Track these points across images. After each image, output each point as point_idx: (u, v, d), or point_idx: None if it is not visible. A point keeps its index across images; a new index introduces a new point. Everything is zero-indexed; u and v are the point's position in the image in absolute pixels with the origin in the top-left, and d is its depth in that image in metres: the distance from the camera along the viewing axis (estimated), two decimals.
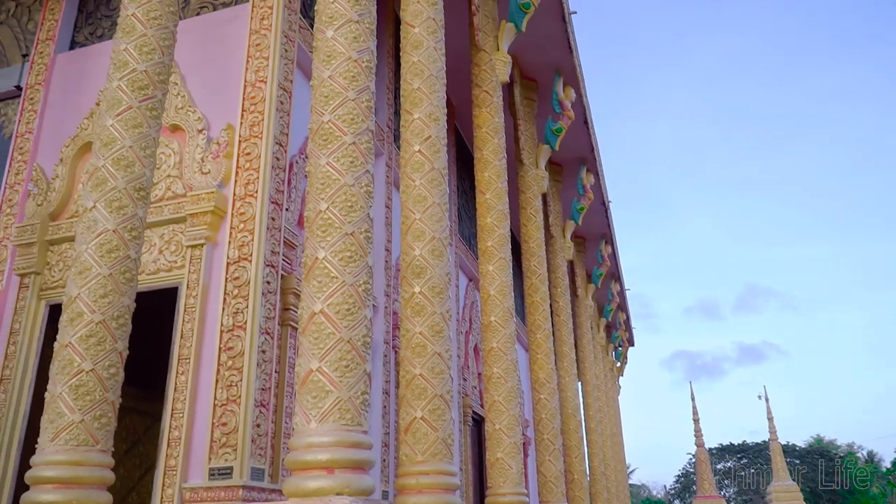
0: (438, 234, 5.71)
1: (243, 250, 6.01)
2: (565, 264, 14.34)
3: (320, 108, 4.47)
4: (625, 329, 27.84)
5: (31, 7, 8.15)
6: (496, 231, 8.48)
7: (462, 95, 11.57)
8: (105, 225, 4.41)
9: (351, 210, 4.18)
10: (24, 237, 6.77)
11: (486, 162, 8.74)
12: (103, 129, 4.70)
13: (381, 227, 8.82)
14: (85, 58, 7.48)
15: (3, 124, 7.68)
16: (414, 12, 6.37)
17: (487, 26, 9.19)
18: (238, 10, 6.96)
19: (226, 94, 6.64)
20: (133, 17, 4.95)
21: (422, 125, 6.00)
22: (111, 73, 4.89)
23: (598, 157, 15.25)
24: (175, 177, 6.57)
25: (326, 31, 4.66)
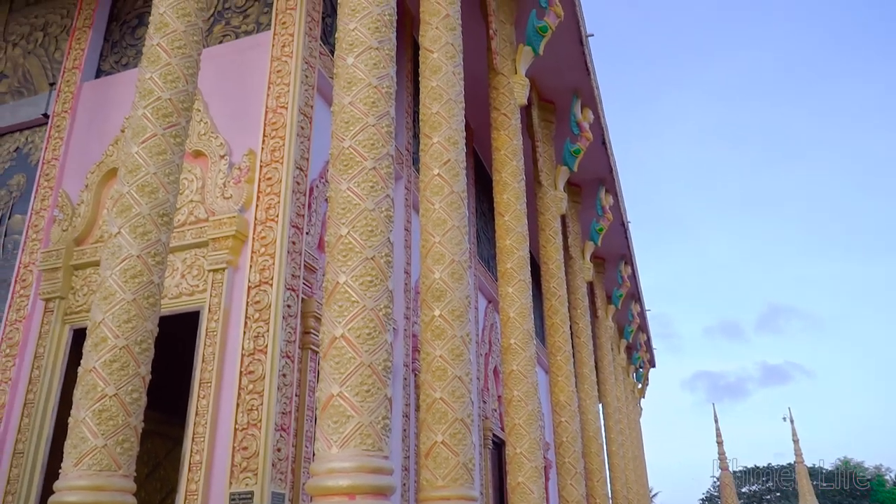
0: (458, 257, 5.72)
1: (264, 274, 6.05)
2: (585, 285, 14.27)
3: (341, 134, 4.51)
4: (645, 350, 27.57)
5: (58, 37, 8.35)
6: (515, 253, 8.46)
7: (480, 118, 11.63)
8: (129, 250, 4.47)
9: (371, 234, 4.20)
10: (50, 262, 6.87)
11: (505, 184, 8.76)
12: (128, 155, 4.78)
13: (401, 250, 8.85)
14: (110, 86, 7.63)
15: (30, 151, 7.84)
16: (432, 38, 6.44)
17: (505, 50, 9.25)
18: (259, 38, 7.08)
19: (247, 119, 6.73)
20: (158, 47, 5.05)
21: (441, 149, 6.03)
22: (136, 101, 4.98)
23: (617, 178, 15.22)
24: (197, 202, 6.65)
25: (347, 58, 4.72)
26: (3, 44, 8.66)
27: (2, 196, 7.74)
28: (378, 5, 4.88)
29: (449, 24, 6.50)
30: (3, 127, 7.99)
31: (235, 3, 7.50)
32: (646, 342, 26.73)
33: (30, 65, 8.33)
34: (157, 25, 5.17)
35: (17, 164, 7.85)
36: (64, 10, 8.47)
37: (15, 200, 7.63)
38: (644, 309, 24.15)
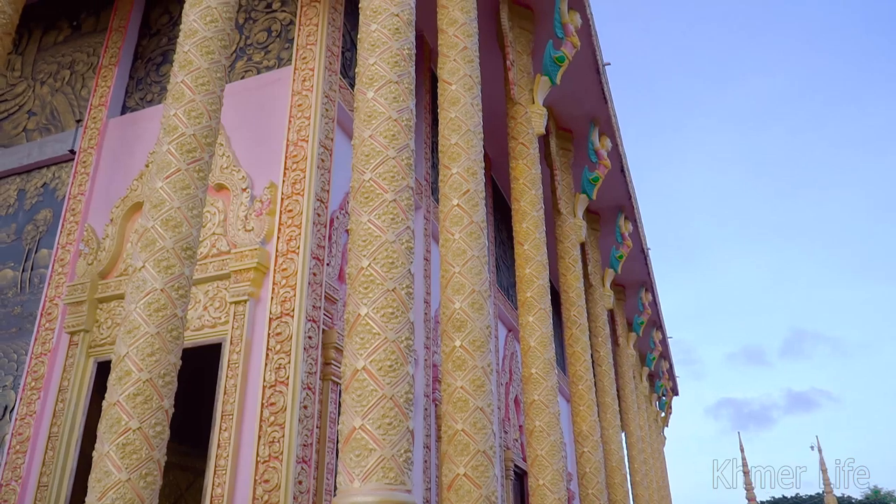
0: (478, 287, 5.72)
1: (285, 306, 6.08)
2: (605, 313, 14.17)
3: (361, 167, 4.56)
4: (668, 378, 27.20)
5: (84, 75, 8.55)
6: (535, 282, 8.44)
7: (498, 147, 11.71)
8: (153, 284, 4.51)
9: (392, 266, 4.22)
10: (75, 296, 6.96)
11: (524, 213, 8.77)
12: (153, 190, 4.86)
13: (420, 280, 8.86)
14: (135, 122, 7.79)
15: (57, 187, 8.00)
16: (451, 70, 6.52)
17: (522, 80, 9.33)
18: (280, 73, 7.20)
19: (269, 153, 6.83)
20: (182, 84, 5.16)
21: (460, 179, 6.07)
22: (161, 137, 5.08)
23: (636, 205, 15.18)
24: (220, 234, 6.72)
25: (367, 92, 4.79)
26: (32, 82, 8.89)
27: (29, 231, 7.88)
28: (397, 40, 4.96)
29: (467, 56, 6.58)
30: (31, 163, 8.17)
31: (257, 39, 7.66)
32: (668, 370, 26.39)
33: (57, 102, 8.53)
34: (181, 63, 5.29)
35: (44, 200, 8.01)
36: (90, 49, 8.69)
37: (42, 235, 7.77)
38: (666, 336, 23.88)
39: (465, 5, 6.79)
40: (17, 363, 7.14)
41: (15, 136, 8.55)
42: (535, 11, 9.67)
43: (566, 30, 9.42)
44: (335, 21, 7.39)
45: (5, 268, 7.79)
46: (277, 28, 7.60)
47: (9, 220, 8.08)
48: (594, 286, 13.99)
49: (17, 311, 7.45)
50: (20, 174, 8.30)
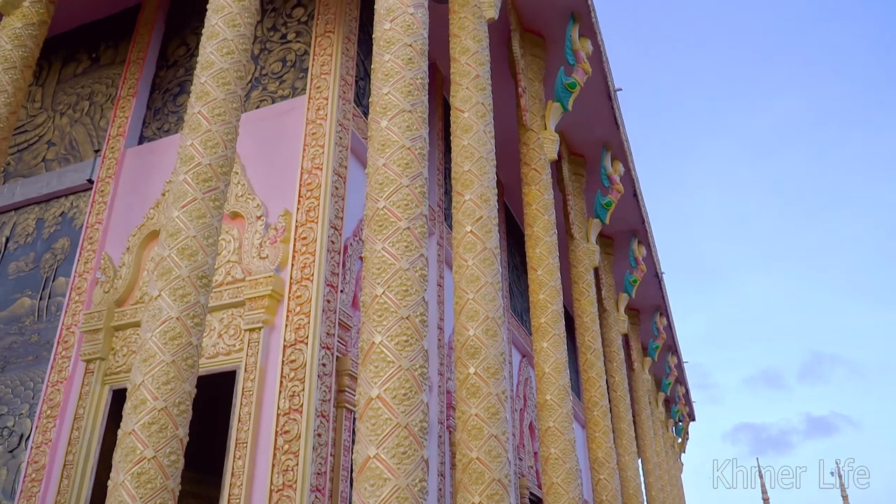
0: (492, 313, 5.71)
1: (300, 333, 6.10)
2: (620, 338, 14.06)
3: (375, 195, 4.60)
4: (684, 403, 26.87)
5: (103, 106, 8.70)
6: (549, 307, 8.41)
7: (510, 172, 11.73)
8: (169, 313, 4.55)
9: (406, 294, 4.22)
10: (91, 324, 7.01)
11: (537, 238, 8.76)
12: (169, 220, 4.91)
13: (434, 306, 8.86)
14: (152, 151, 7.90)
15: (75, 216, 8.10)
16: (463, 98, 6.57)
17: (534, 107, 9.39)
18: (295, 102, 7.30)
19: (283, 181, 6.89)
20: (199, 115, 5.24)
21: (473, 206, 6.09)
22: (178, 166, 5.15)
23: (649, 229, 15.14)
24: (234, 262, 6.77)
25: (381, 121, 4.84)
26: (52, 113, 9.06)
27: (47, 259, 7.97)
28: (410, 70, 5.02)
29: (479, 84, 6.64)
30: (50, 193, 8.29)
31: (272, 69, 7.77)
32: (684, 395, 26.08)
33: (76, 133, 8.68)
34: (198, 94, 5.38)
35: (63, 229, 8.11)
36: (109, 80, 8.85)
37: (59, 263, 7.85)
38: (681, 361, 23.64)
39: (477, 34, 6.87)
40: (34, 391, 7.18)
41: (34, 167, 8.69)
42: (546, 39, 9.76)
43: (577, 56, 9.49)
44: (349, 51, 7.50)
45: (23, 296, 7.87)
46: (292, 58, 7.72)
47: (27, 248, 8.18)
48: (608, 311, 13.91)
49: (34, 339, 7.51)
50: (39, 203, 8.42)
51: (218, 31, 5.61)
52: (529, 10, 9.39)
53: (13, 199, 8.50)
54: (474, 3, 6.98)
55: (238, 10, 5.71)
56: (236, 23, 5.67)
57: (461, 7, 6.98)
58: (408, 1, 5.25)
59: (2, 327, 7.78)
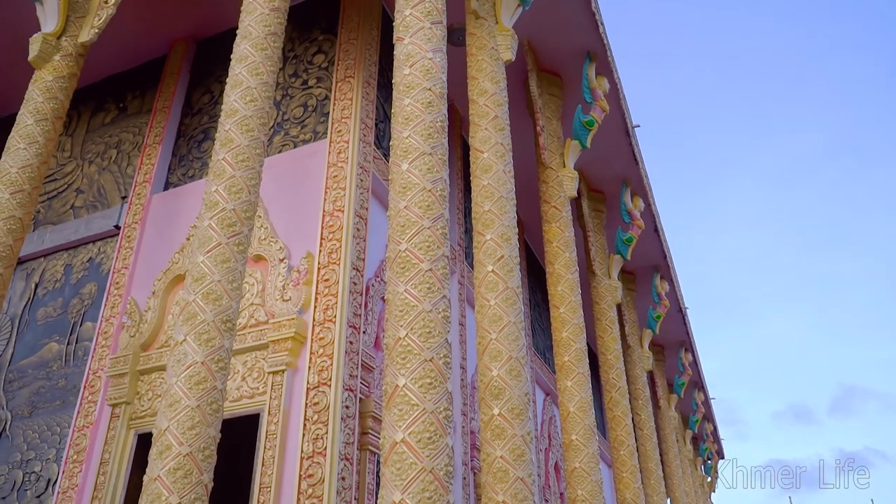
0: (515, 353, 5.67)
1: (323, 375, 6.10)
2: (645, 375, 13.87)
3: (397, 238, 4.63)
4: (713, 440, 26.29)
5: (130, 153, 8.92)
6: (572, 345, 8.34)
7: (531, 209, 11.77)
8: (194, 357, 4.58)
9: (429, 336, 4.22)
10: (117, 368, 7.07)
11: (559, 276, 8.75)
12: (194, 265, 4.98)
13: (456, 345, 8.83)
14: (177, 197, 8.05)
15: (102, 261, 8.24)
16: (482, 138, 6.64)
17: (553, 145, 9.46)
18: (317, 146, 7.42)
19: (305, 223, 6.97)
20: (223, 161, 5.34)
21: (494, 246, 6.10)
22: (203, 212, 5.23)
23: (671, 264, 15.04)
24: (258, 305, 6.82)
25: (401, 164, 4.90)
26: (81, 161, 9.29)
27: (74, 304, 8.09)
28: (430, 113, 5.10)
29: (497, 124, 6.71)
30: (78, 239, 8.46)
31: (294, 114, 7.93)
32: (712, 432, 25.53)
33: (104, 180, 8.88)
34: (222, 141, 5.49)
35: (90, 274, 8.25)
36: (136, 129, 9.08)
37: (86, 308, 7.97)
38: (708, 397, 23.20)
39: (494, 76, 6.97)
40: (60, 436, 7.22)
41: (63, 214, 8.89)
42: (563, 78, 9.87)
43: (594, 95, 9.58)
44: (369, 95, 7.63)
45: (51, 341, 7.97)
46: (313, 103, 7.87)
47: (56, 294, 8.32)
48: (632, 347, 13.75)
49: (61, 384, 7.59)
50: (67, 250, 8.58)
51: (241, 79, 5.75)
52: (546, 50, 9.53)
53: (42, 245, 8.68)
54: (491, 45, 7.10)
55: (261, 59, 5.85)
56: (259, 71, 5.81)
57: (478, 50, 7.10)
58: (426, 46, 5.35)
59: (30, 372, 7.88)
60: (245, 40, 5.97)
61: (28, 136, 6.71)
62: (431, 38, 5.39)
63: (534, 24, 8.83)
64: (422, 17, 5.46)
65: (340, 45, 7.92)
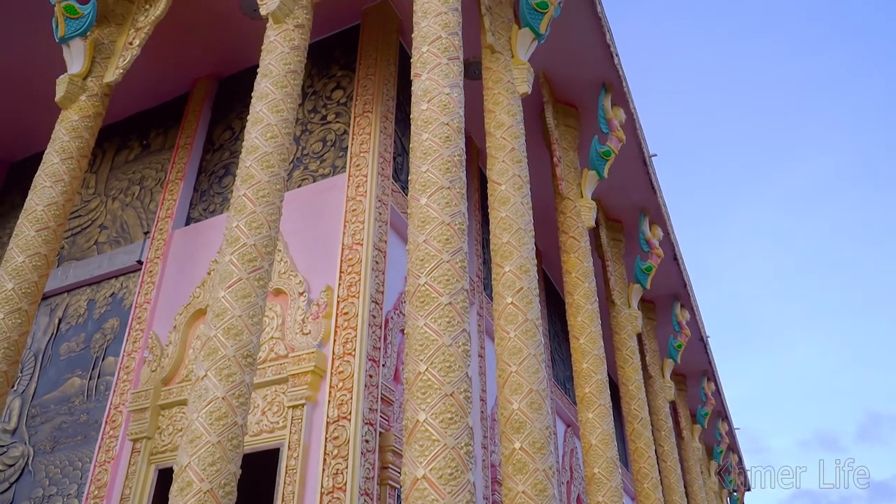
0: (536, 386, 5.63)
1: (342, 409, 6.08)
2: (667, 405, 13.67)
3: (417, 271, 4.64)
4: (738, 472, 25.74)
5: (152, 189, 9.07)
6: (593, 377, 8.26)
7: (548, 240, 11.75)
8: (215, 392, 4.59)
9: (450, 370, 4.21)
10: (138, 403, 7.10)
11: (578, 307, 8.70)
12: (216, 300, 5.02)
13: (476, 377, 8.77)
14: (198, 232, 8.15)
15: (125, 296, 8.33)
16: (500, 171, 6.68)
17: (570, 175, 9.48)
18: (336, 180, 7.50)
19: (325, 257, 7.01)
20: (244, 197, 5.41)
21: (513, 278, 6.10)
22: (224, 247, 5.29)
23: (692, 293, 14.90)
24: (278, 338, 6.84)
25: (420, 198, 4.94)
26: (104, 198, 9.45)
27: (97, 339, 8.17)
28: (448, 147, 5.14)
29: (515, 157, 6.75)
30: (101, 274, 8.57)
31: (313, 149, 8.03)
32: (738, 463, 25.01)
33: (127, 216, 9.02)
34: (243, 177, 5.57)
35: (112, 309, 8.34)
36: (158, 165, 9.24)
37: (109, 343, 8.04)
38: (732, 427, 22.78)
39: (511, 109, 7.03)
40: (82, 471, 7.24)
41: (87, 249, 9.02)
42: (579, 109, 9.93)
43: (611, 125, 9.61)
44: (386, 129, 7.72)
45: (73, 376, 8.04)
46: (332, 138, 7.98)
47: (79, 329, 8.41)
48: (653, 377, 13.58)
49: (83, 419, 7.63)
50: (90, 285, 8.70)
51: (262, 116, 5.85)
52: (561, 82, 9.60)
53: (66, 281, 8.81)
54: (507, 79, 7.18)
55: (281, 96, 5.96)
56: (279, 108, 5.91)
57: (495, 83, 7.18)
58: (443, 82, 5.42)
59: (52, 407, 7.94)
60: (266, 78, 6.09)
61: (54, 174, 6.84)
62: (449, 74, 5.46)
63: (549, 56, 8.92)
64: (439, 54, 5.54)
65: (358, 81, 8.04)
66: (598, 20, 8.77)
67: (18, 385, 8.29)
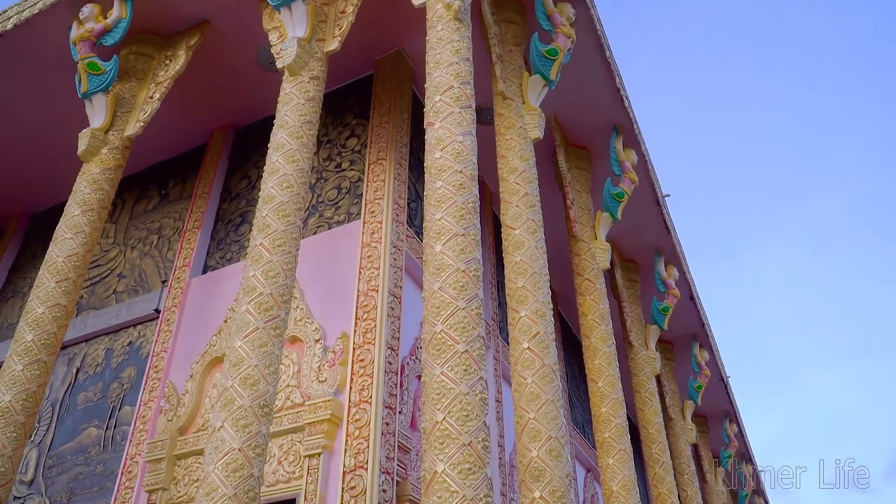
0: (555, 433, 5.56)
1: (359, 458, 6.02)
2: (689, 448, 13.39)
3: (432, 319, 4.64)
4: None
5: (170, 238, 9.18)
6: (613, 421, 8.15)
7: (563, 281, 11.72)
8: (231, 444, 4.57)
9: (467, 420, 4.17)
10: (154, 453, 7.07)
11: (595, 349, 8.63)
12: (232, 349, 5.03)
13: (493, 422, 8.67)
14: (215, 280, 8.21)
15: (142, 345, 8.37)
16: (514, 215, 6.71)
17: (583, 217, 9.50)
18: (350, 227, 7.56)
19: (340, 303, 7.03)
20: (261, 247, 5.47)
21: (529, 322, 6.07)
22: (240, 296, 5.32)
23: (710, 332, 14.74)
24: (294, 386, 6.82)
25: (435, 246, 4.96)
26: (123, 247, 9.58)
27: (114, 389, 8.19)
28: (462, 195, 5.19)
29: (528, 201, 6.79)
30: (119, 323, 8.63)
31: (328, 196, 8.12)
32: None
33: (145, 265, 9.12)
34: (260, 227, 5.64)
35: (130, 358, 8.37)
36: (176, 214, 9.37)
37: (126, 392, 8.05)
38: (757, 469, 22.24)
39: (523, 154, 7.10)
40: None
41: (105, 299, 9.11)
42: (591, 152, 10.00)
43: (623, 167, 9.66)
44: (400, 175, 7.81)
45: (90, 426, 8.04)
46: (347, 185, 8.07)
47: (96, 378, 8.44)
48: (674, 419, 13.34)
49: (99, 470, 7.60)
50: (109, 334, 8.75)
51: (278, 167, 5.95)
52: (573, 125, 9.70)
53: (85, 330, 8.87)
54: (519, 125, 7.26)
55: (297, 146, 6.06)
56: (295, 158, 6.01)
57: (507, 129, 7.26)
58: (456, 130, 5.50)
59: (69, 458, 7.92)
60: (282, 129, 6.20)
61: (75, 226, 6.96)
62: (461, 122, 5.54)
63: (560, 101, 9.03)
64: (451, 103, 5.63)
65: (372, 129, 8.16)
66: (608, 65, 8.89)
67: (35, 435, 8.30)
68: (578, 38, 8.16)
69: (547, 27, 7.61)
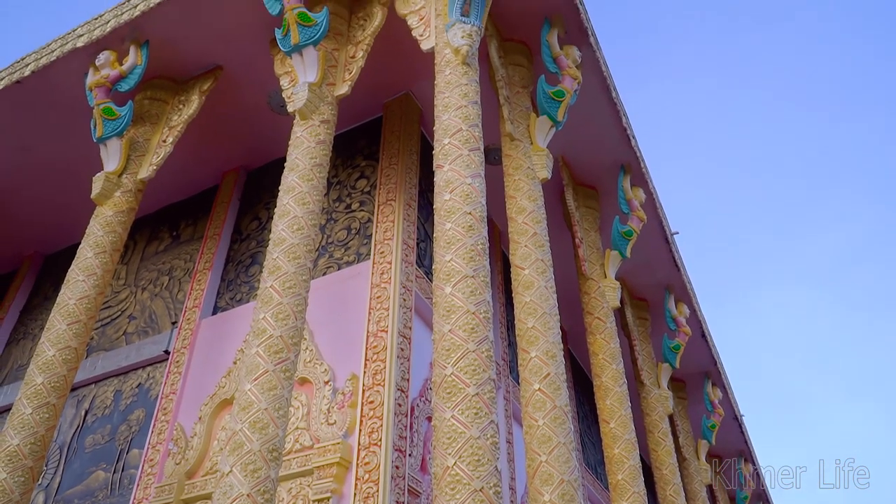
0: (567, 476, 5.48)
1: (368, 502, 5.93)
2: (705, 490, 13.15)
3: (443, 362, 4.62)
4: None
5: (181, 280, 9.23)
6: (626, 463, 8.02)
7: (574, 319, 11.68)
8: (240, 489, 4.53)
9: (479, 464, 4.12)
10: (162, 497, 6.99)
11: (607, 389, 8.54)
12: (242, 393, 5.01)
13: (504, 464, 8.55)
14: (225, 321, 8.22)
15: (151, 386, 8.35)
16: (523, 255, 6.72)
17: (592, 256, 9.50)
18: (360, 268, 7.58)
19: (350, 344, 7.01)
20: (271, 289, 5.49)
21: (540, 363, 6.04)
22: (250, 339, 5.33)
23: (722, 370, 14.58)
24: (303, 429, 6.77)
25: (445, 288, 4.97)
26: (134, 288, 9.63)
27: (122, 431, 8.15)
28: (471, 236, 5.21)
29: (537, 241, 6.81)
30: (129, 365, 8.63)
31: (338, 237, 8.17)
32: None
33: (155, 306, 9.16)
34: (270, 269, 5.66)
35: (139, 400, 8.34)
36: (187, 255, 9.43)
37: (134, 435, 8.00)
38: None
39: (532, 194, 7.13)
40: None
41: (116, 340, 9.12)
42: (598, 191, 10.04)
43: (631, 205, 9.69)
44: (410, 216, 7.85)
45: (98, 469, 7.98)
46: (356, 226, 8.12)
47: (105, 421, 8.41)
48: (688, 460, 13.13)
49: None
50: (118, 376, 8.74)
51: (289, 209, 6.00)
52: (580, 165, 9.76)
53: (94, 372, 8.86)
54: (527, 165, 7.32)
55: (307, 189, 6.12)
56: (305, 201, 6.06)
57: (515, 170, 7.32)
58: (465, 172, 5.54)
59: (76, 502, 7.84)
60: (292, 172, 6.27)
61: (87, 268, 7.01)
62: (470, 165, 5.59)
63: (567, 141, 9.11)
64: (460, 146, 5.69)
65: (382, 170, 8.24)
66: (614, 105, 8.98)
67: (43, 479, 8.24)
68: (585, 80, 8.27)
69: (553, 69, 7.71)
